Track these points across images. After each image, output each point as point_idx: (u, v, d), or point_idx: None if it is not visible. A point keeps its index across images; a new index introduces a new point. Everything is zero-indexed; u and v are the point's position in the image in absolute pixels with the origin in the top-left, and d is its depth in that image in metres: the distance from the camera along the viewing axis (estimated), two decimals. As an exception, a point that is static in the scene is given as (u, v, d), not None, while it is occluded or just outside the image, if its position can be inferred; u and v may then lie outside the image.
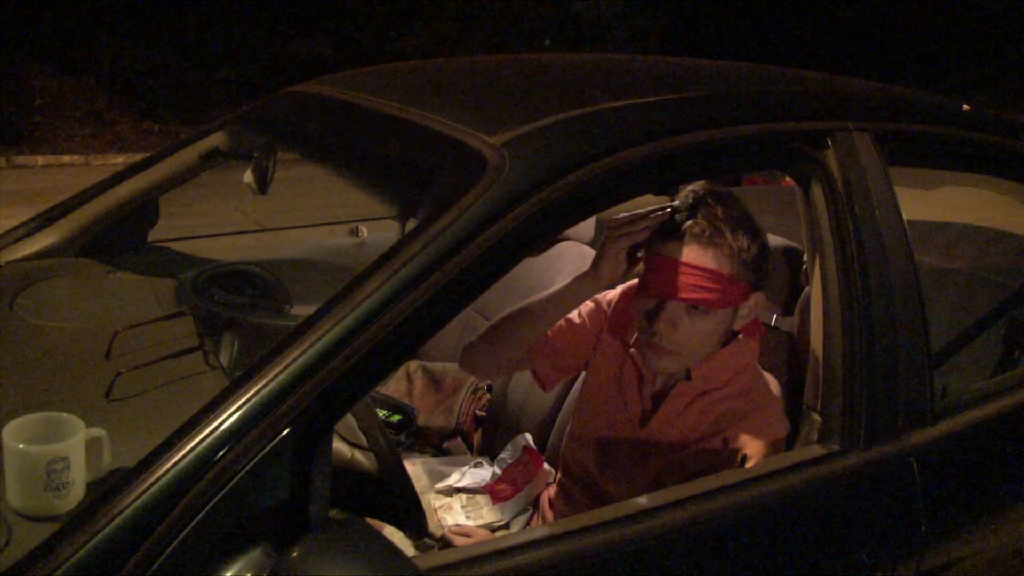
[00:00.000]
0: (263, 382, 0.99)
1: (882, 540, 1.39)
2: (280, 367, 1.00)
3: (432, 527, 1.77)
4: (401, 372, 2.44)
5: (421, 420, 2.26)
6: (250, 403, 0.97)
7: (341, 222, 2.62)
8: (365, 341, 1.03)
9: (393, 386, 2.39)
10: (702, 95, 1.48)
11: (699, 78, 1.68)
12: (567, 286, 1.49)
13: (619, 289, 1.62)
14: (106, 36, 11.39)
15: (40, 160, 9.40)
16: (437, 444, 2.25)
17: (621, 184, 1.25)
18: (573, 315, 1.61)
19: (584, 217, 1.37)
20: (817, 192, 1.44)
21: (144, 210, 2.11)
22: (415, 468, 1.96)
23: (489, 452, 2.18)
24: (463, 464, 1.99)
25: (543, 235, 1.19)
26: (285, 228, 2.65)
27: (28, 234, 2.00)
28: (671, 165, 1.31)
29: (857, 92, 1.73)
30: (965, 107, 1.79)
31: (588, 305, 1.62)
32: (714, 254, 1.37)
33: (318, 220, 2.75)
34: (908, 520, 1.41)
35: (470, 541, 1.51)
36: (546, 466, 1.90)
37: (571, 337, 1.61)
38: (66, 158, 9.57)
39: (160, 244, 2.20)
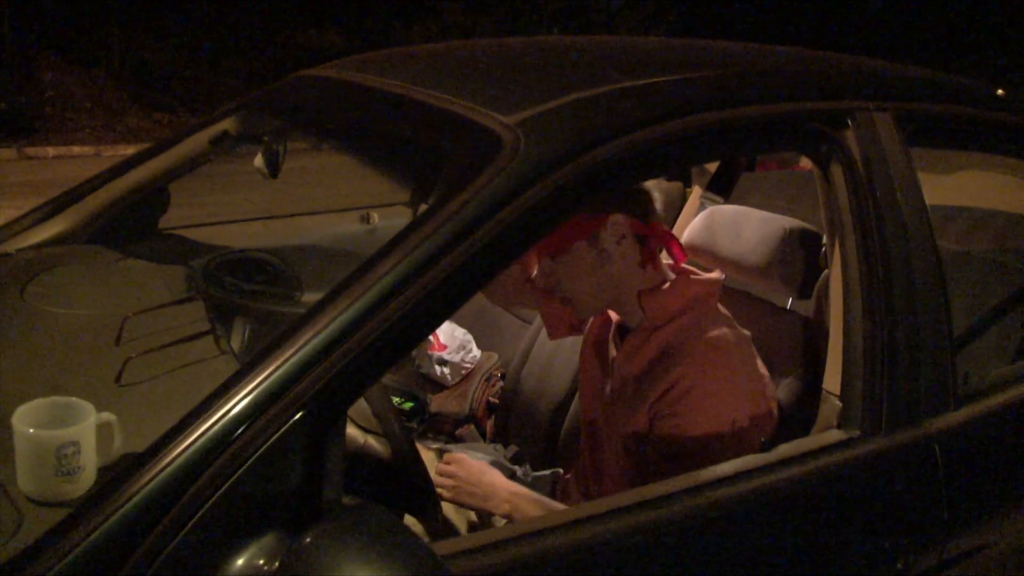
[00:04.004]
0: (275, 365, 0.97)
1: (904, 526, 1.37)
2: (293, 350, 0.98)
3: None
4: (413, 359, 2.43)
5: (434, 407, 2.26)
6: (262, 386, 0.96)
7: (352, 208, 2.60)
8: (378, 324, 1.01)
9: (405, 373, 2.38)
10: (720, 74, 1.45)
11: (716, 58, 1.65)
12: None
13: None
14: (116, 28, 11.41)
15: (51, 151, 9.43)
16: (450, 431, 2.23)
17: (637, 164, 1.23)
18: None
19: (599, 197, 1.35)
20: (836, 173, 1.41)
21: (154, 197, 2.10)
22: (428, 455, 1.95)
23: (502, 439, 2.17)
24: (477, 451, 1.98)
25: (558, 216, 1.17)
26: (296, 215, 2.63)
27: (39, 221, 1.98)
28: (688, 145, 1.29)
29: (877, 72, 1.70)
30: (1000, 92, 1.76)
31: None
32: None
33: (329, 208, 2.73)
34: (931, 506, 1.39)
35: (459, 469, 1.55)
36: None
37: None
38: (76, 149, 9.60)
39: (171, 231, 2.19)
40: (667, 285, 1.50)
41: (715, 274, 1.55)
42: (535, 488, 1.82)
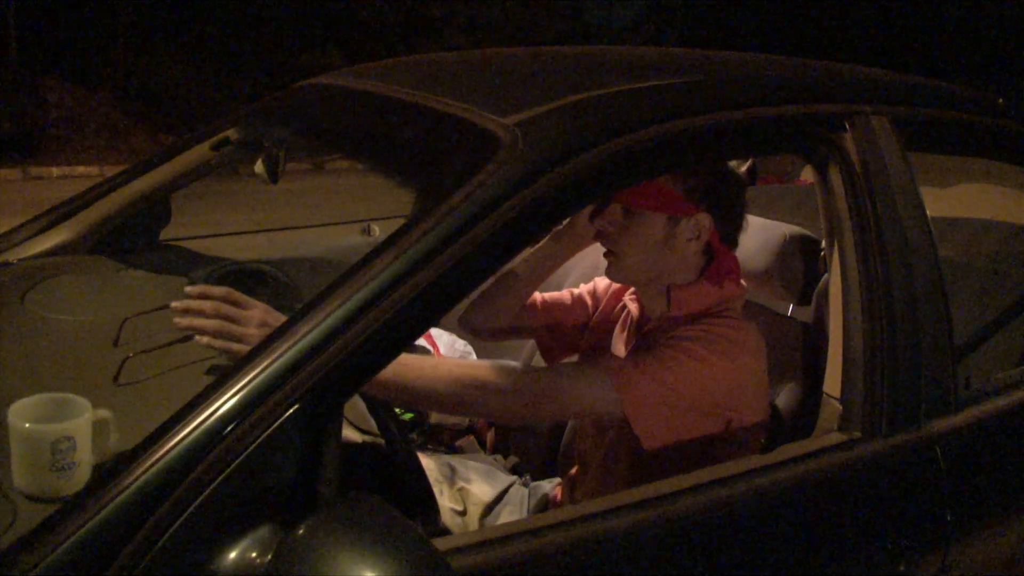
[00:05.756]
0: (271, 358, 0.97)
1: (906, 529, 1.36)
2: (288, 343, 0.98)
3: None
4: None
5: (434, 418, 2.24)
6: (258, 379, 0.96)
7: (353, 221, 2.61)
8: (374, 319, 1.01)
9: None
10: (718, 77, 1.46)
11: (713, 63, 1.66)
12: (542, 246, 1.62)
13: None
14: (121, 49, 11.49)
15: (55, 171, 9.47)
16: (450, 442, 2.22)
17: (634, 165, 1.23)
18: (574, 291, 1.76)
19: (597, 197, 1.35)
20: (835, 176, 1.41)
21: (156, 208, 2.11)
22: (427, 463, 1.94)
23: (503, 450, 2.16)
24: (477, 462, 1.97)
25: (556, 215, 1.18)
26: (297, 228, 2.64)
27: (40, 232, 1.99)
28: (685, 146, 1.29)
29: (874, 76, 1.70)
30: (1000, 101, 1.77)
31: (587, 286, 1.76)
32: None
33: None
34: (933, 509, 1.38)
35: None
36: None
37: (569, 311, 1.73)
38: (81, 169, 9.64)
39: (172, 243, 2.19)
40: (697, 284, 1.50)
41: (742, 284, 1.55)
42: (532, 497, 1.80)
